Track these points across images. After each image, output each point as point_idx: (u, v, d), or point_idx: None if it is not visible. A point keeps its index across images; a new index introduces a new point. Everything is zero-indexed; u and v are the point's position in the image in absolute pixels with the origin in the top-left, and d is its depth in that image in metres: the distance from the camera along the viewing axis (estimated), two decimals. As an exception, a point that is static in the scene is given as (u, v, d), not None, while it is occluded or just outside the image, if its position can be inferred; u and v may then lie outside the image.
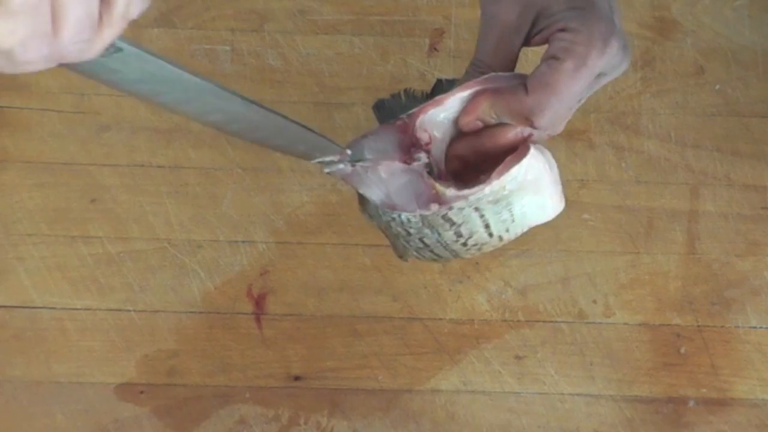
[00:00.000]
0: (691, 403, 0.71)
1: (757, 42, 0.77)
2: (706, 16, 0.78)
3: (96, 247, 0.73)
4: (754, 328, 0.73)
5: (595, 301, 0.73)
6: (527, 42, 0.51)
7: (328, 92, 0.77)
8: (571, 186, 0.74)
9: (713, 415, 0.71)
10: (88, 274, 0.73)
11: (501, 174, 0.50)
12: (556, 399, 0.71)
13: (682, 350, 0.72)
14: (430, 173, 0.53)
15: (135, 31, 0.77)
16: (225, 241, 0.73)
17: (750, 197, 0.75)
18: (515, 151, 0.51)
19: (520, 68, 0.52)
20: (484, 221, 0.52)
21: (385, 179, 0.53)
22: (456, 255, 0.55)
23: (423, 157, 0.53)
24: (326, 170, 0.54)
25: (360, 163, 0.53)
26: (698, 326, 0.73)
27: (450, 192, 0.51)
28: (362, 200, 0.56)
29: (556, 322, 0.73)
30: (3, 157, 0.75)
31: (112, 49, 0.42)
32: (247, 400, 0.71)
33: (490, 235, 0.53)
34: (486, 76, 0.51)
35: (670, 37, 0.78)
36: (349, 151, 0.53)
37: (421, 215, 0.52)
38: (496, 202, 0.51)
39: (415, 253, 0.55)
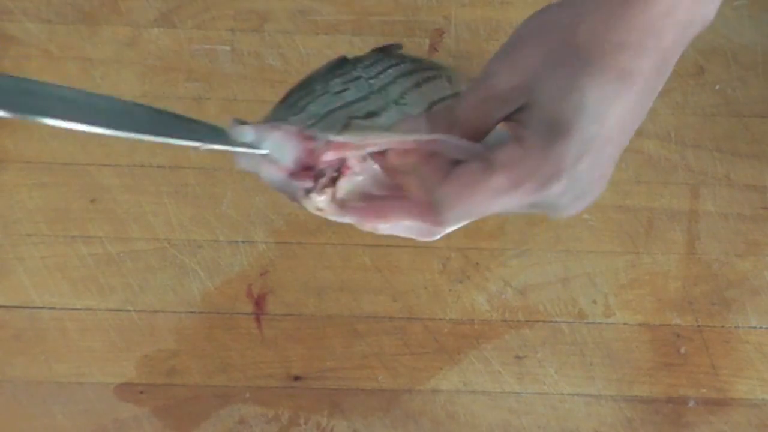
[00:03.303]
0: (691, 403, 0.72)
1: (757, 42, 0.77)
2: (706, 16, 0.78)
3: (96, 247, 0.73)
4: (754, 328, 0.73)
5: (595, 301, 0.73)
6: (507, 118, 0.46)
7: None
8: (571, 186, 0.74)
9: (713, 415, 0.71)
10: (88, 274, 0.73)
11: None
12: (556, 399, 0.71)
13: (682, 350, 0.72)
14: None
15: (135, 31, 0.77)
16: (225, 241, 0.73)
17: (750, 197, 0.75)
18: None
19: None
20: None
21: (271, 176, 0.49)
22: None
23: (308, 184, 0.49)
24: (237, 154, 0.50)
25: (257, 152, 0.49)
26: (698, 326, 0.73)
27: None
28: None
29: (556, 322, 0.73)
30: (3, 157, 0.75)
31: None
32: (247, 400, 0.71)
33: None
34: (443, 137, 0.46)
35: (670, 37, 0.78)
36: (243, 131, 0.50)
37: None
38: None
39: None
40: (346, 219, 0.49)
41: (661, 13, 0.42)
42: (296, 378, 0.71)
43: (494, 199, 0.44)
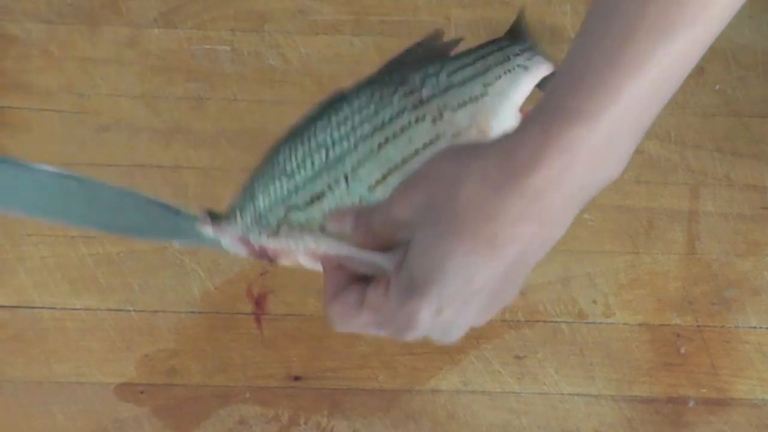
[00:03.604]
0: (691, 403, 0.72)
1: (757, 42, 0.78)
2: (706, 16, 0.78)
3: (96, 247, 0.73)
4: (754, 328, 0.73)
5: (595, 301, 0.73)
6: None
7: (328, 92, 0.77)
8: (571, 186, 0.74)
9: (713, 415, 0.71)
10: (88, 274, 0.73)
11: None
12: (556, 399, 0.71)
13: (682, 350, 0.72)
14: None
15: (135, 31, 0.77)
16: (225, 241, 0.73)
17: (750, 197, 0.75)
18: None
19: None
20: None
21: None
22: None
23: (265, 262, 0.56)
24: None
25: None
26: (698, 326, 0.73)
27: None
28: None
29: (556, 322, 0.73)
30: (3, 157, 0.75)
31: None
32: (247, 400, 0.71)
33: None
34: (347, 255, 0.51)
35: (670, 37, 0.78)
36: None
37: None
38: None
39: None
40: (320, 267, 0.55)
41: (544, 186, 0.41)
42: (296, 378, 0.71)
43: (364, 329, 0.48)
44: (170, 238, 0.56)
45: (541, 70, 0.71)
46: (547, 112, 0.41)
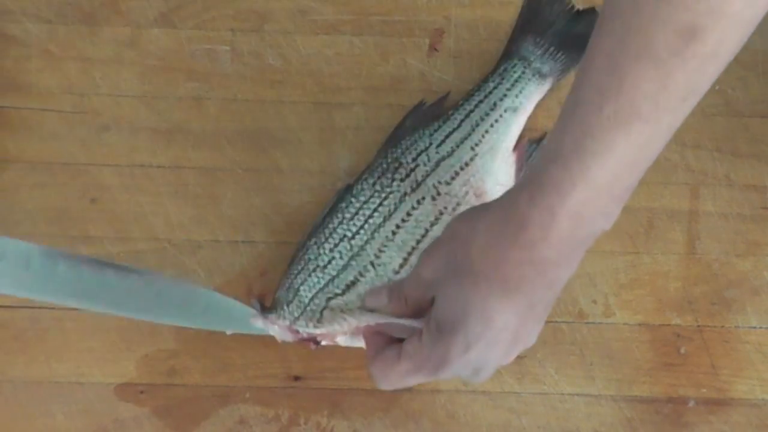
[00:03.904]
0: (691, 403, 0.72)
1: (757, 42, 0.78)
2: (706, 16, 0.78)
3: (96, 247, 0.73)
4: (754, 328, 0.73)
5: (595, 301, 0.73)
6: None
7: (328, 92, 0.77)
8: (571, 186, 0.74)
9: (713, 415, 0.71)
10: (88, 274, 0.72)
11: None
12: (556, 399, 0.72)
13: (682, 350, 0.72)
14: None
15: (135, 32, 0.77)
16: (225, 241, 0.73)
17: (750, 197, 0.75)
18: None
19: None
20: None
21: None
22: None
23: (312, 346, 0.67)
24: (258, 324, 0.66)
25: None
26: (698, 326, 0.73)
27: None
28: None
29: (556, 322, 0.73)
30: (3, 157, 0.75)
31: None
32: (247, 400, 0.71)
33: None
34: (384, 323, 0.60)
35: (670, 37, 0.77)
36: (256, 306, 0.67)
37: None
38: None
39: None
40: (357, 344, 0.64)
41: (535, 239, 0.49)
42: (296, 378, 0.71)
43: (404, 378, 0.56)
44: (220, 326, 0.67)
45: (533, 99, 0.73)
46: (533, 182, 0.49)
